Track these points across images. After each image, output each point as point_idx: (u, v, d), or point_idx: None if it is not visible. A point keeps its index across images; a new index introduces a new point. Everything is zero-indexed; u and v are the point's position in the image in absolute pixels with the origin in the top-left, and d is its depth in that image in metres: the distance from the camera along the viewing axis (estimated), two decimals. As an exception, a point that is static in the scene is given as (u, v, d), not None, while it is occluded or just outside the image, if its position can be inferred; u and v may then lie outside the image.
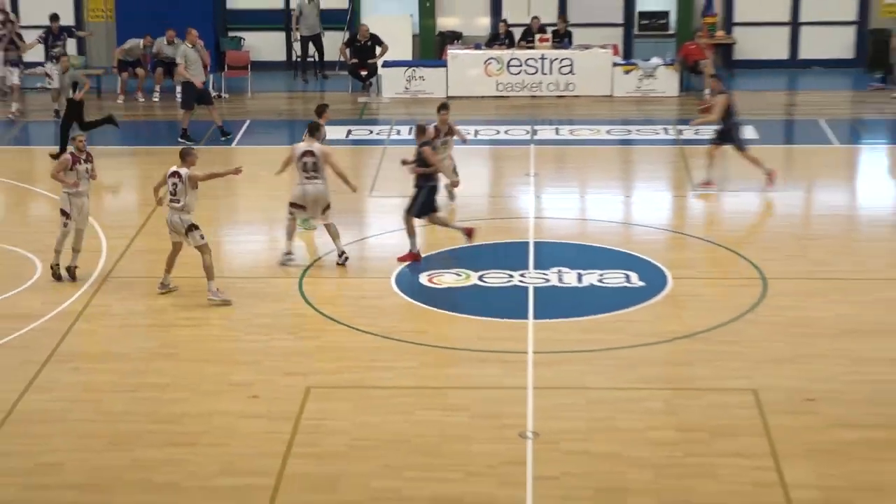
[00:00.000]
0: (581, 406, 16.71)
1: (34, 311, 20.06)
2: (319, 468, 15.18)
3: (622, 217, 25.20)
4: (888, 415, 16.48)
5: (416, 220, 21.32)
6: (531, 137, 28.94)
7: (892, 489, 14.74)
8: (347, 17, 34.03)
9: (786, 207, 26.20)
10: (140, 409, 16.72)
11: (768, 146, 29.10)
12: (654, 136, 29.44)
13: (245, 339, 19.25)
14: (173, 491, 14.69)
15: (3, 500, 14.72)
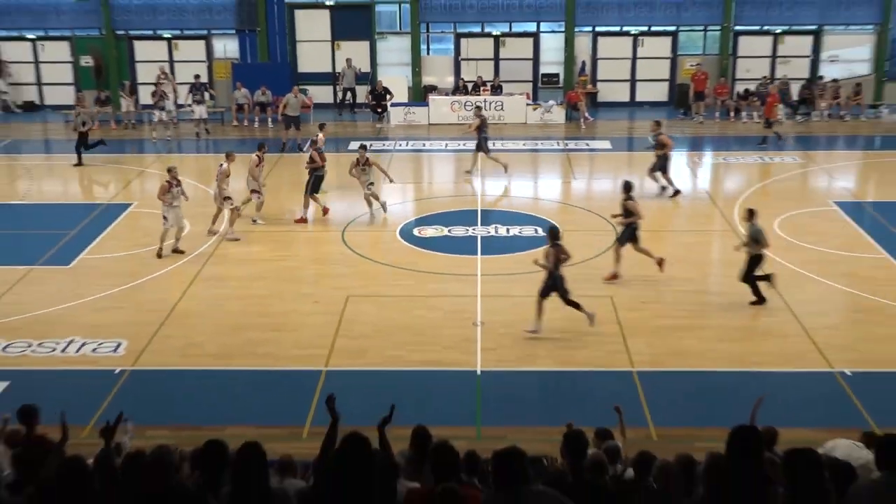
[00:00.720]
0: (508, 307, 17.40)
1: (189, 249, 20.50)
2: (354, 344, 16.11)
3: (531, 194, 25.16)
4: (686, 312, 17.26)
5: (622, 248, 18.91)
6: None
7: (689, 353, 15.67)
8: (370, 76, 33.86)
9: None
10: (249, 309, 17.55)
11: (618, 152, 29.76)
12: (551, 146, 29.38)
13: (310, 268, 19.96)
14: (270, 357, 15.69)
15: (168, 363, 15.54)
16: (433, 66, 34.56)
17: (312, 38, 34.38)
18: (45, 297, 18.32)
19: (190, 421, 13.35)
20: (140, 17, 34.08)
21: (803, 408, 13.97)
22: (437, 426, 12.66)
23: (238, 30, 34.14)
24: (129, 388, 14.82)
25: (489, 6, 33.56)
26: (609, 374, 15.16)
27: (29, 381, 14.83)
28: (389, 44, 34.62)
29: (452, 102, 32.51)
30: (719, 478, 6.42)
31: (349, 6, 34.01)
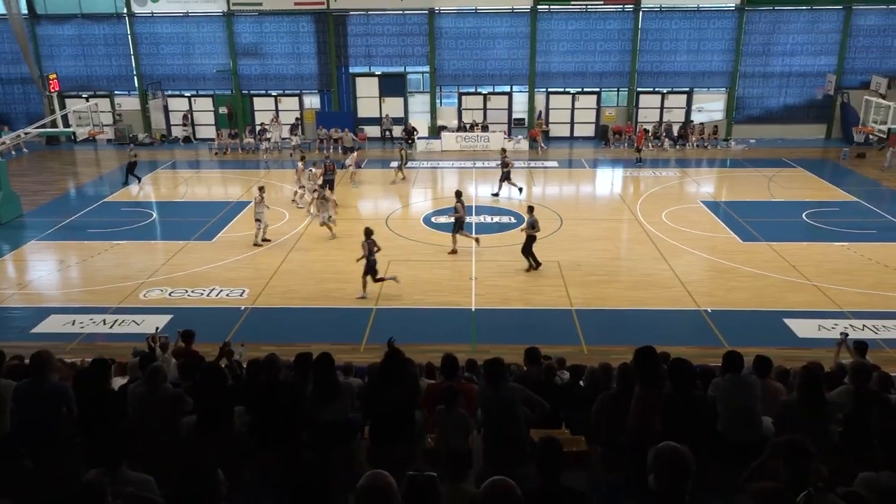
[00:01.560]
0: (493, 267, 17.36)
1: (288, 231, 20.30)
2: (394, 290, 16.00)
3: (507, 195, 24.14)
4: (605, 271, 17.09)
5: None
6: (473, 165, 28.77)
7: (608, 298, 15.54)
8: (404, 119, 33.44)
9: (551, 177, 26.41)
10: (327, 269, 17.47)
11: (562, 168, 29.33)
12: (520, 165, 28.37)
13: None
14: (340, 300, 15.61)
15: (275, 303, 15.50)
16: (444, 113, 34.35)
17: (366, 94, 34.19)
18: (196, 260, 18.36)
19: (288, 340, 13.43)
20: (257, 82, 33.86)
21: (681, 333, 13.98)
22: (446, 343, 12.80)
23: (319, 90, 34.00)
24: (250, 320, 14.95)
25: (480, 76, 33.42)
26: (557, 311, 15.14)
27: (185, 314, 14.85)
28: (416, 98, 34.40)
29: (457, 136, 32.16)
30: (628, 378, 6.35)
31: (390, 75, 33.82)
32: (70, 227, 21.43)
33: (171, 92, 34.20)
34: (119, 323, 14.76)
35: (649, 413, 5.83)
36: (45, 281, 17.45)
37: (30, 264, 18.82)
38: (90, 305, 15.67)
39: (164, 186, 26.65)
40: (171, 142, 34.36)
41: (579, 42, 32.79)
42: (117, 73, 34.10)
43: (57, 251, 19.38)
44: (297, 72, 33.66)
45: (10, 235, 20.91)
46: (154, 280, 17.04)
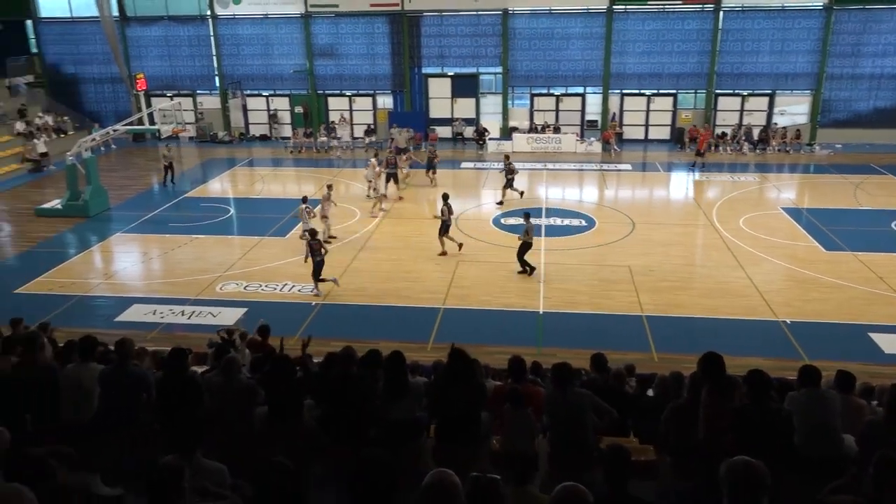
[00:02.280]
0: (561, 270, 17.21)
1: (357, 230, 20.57)
2: (461, 291, 16.09)
3: (577, 198, 24.32)
4: (678, 277, 16.67)
5: None
6: (544, 167, 28.49)
7: (681, 305, 15.20)
8: (475, 121, 33.34)
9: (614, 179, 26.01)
10: (396, 268, 17.65)
11: (635, 172, 28.67)
12: (591, 167, 28.34)
13: (436, 242, 19.13)
14: (408, 298, 15.78)
15: (345, 300, 15.66)
16: (515, 114, 34.20)
17: (439, 95, 34.36)
18: (270, 256, 18.82)
19: (356, 336, 13.61)
20: (332, 82, 34.50)
21: (757, 343, 13.51)
22: (512, 345, 12.71)
23: (392, 90, 34.37)
24: (320, 315, 15.23)
25: (553, 77, 33.08)
26: (627, 316, 14.90)
27: (259, 308, 15.26)
28: (488, 99, 34.35)
29: (528, 138, 31.93)
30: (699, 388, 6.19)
31: (463, 76, 33.88)
32: (153, 220, 22.33)
33: (250, 91, 35.17)
34: (196, 314, 15.28)
35: (718, 421, 5.70)
36: (129, 272, 18.24)
37: (115, 255, 19.70)
38: (170, 296, 16.27)
39: (241, 183, 27.42)
40: (248, 140, 35.32)
41: (656, 43, 32.11)
42: (200, 72, 35.37)
43: (140, 243, 20.22)
44: (371, 72, 34.13)
45: (98, 227, 21.95)
46: (230, 274, 17.57)
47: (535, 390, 7.22)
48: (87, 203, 22.69)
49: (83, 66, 36.02)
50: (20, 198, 25.49)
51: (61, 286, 17.02)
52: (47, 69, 36.28)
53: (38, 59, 36.18)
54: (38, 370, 6.60)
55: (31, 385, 6.48)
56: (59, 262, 18.81)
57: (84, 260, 19.25)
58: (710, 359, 5.96)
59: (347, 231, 20.60)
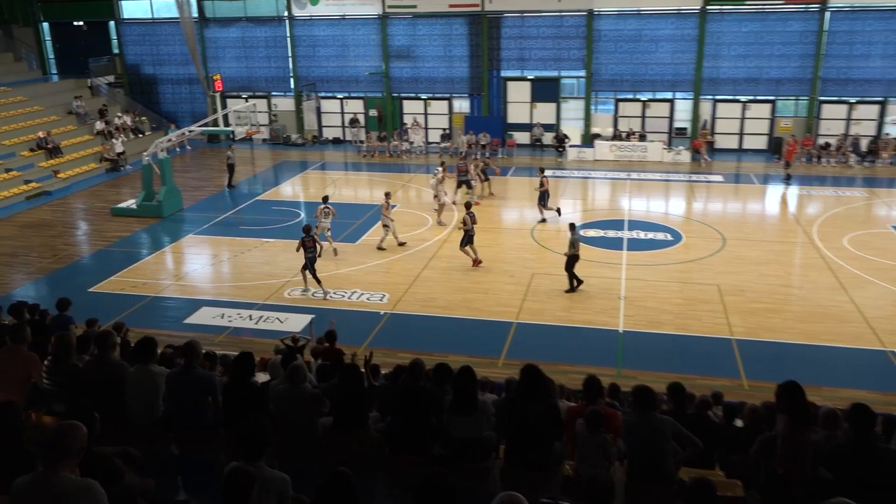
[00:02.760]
0: (643, 286, 16.93)
1: (429, 238, 20.59)
2: (536, 305, 16.01)
3: (663, 210, 23.85)
4: (773, 299, 16.18)
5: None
6: (628, 177, 28.04)
7: (775, 329, 14.65)
8: (555, 127, 33.11)
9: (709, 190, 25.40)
10: (467, 277, 17.56)
11: (728, 184, 27.89)
12: (678, 178, 27.73)
13: (510, 253, 19.57)
14: (479, 311, 15.79)
15: (414, 310, 15.80)
16: (598, 120, 33.77)
17: (517, 99, 34.27)
18: (339, 262, 19.15)
19: (425, 348, 13.70)
20: (408, 85, 34.93)
21: (861, 375, 12.86)
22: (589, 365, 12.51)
23: (469, 94, 34.49)
24: (389, 325, 15.40)
25: (640, 81, 32.51)
26: (714, 339, 14.52)
27: (326, 315, 15.46)
28: (569, 104, 34.04)
29: (611, 145, 31.54)
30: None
31: (543, 79, 33.70)
32: (224, 222, 23.09)
33: (325, 93, 36.01)
34: (264, 319, 15.68)
35: (798, 455, 5.55)
36: (199, 274, 18.90)
37: (186, 257, 20.45)
38: (238, 300, 16.76)
39: (312, 186, 28.03)
40: (321, 143, 36.13)
41: (753, 45, 31.16)
42: (275, 74, 36.45)
43: (211, 245, 20.93)
44: (448, 75, 34.39)
45: (171, 228, 22.86)
46: (298, 279, 17.91)
47: (612, 413, 7.07)
48: (161, 203, 23.67)
49: (162, 66, 37.69)
50: (97, 197, 26.80)
51: (133, 286, 17.76)
52: (128, 69, 38.14)
53: (119, 59, 38.06)
54: (108, 368, 6.89)
55: (100, 383, 6.77)
56: (133, 262, 19.66)
57: (156, 260, 20.06)
58: (789, 388, 5.78)
59: (419, 239, 20.79)
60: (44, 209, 25.32)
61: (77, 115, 33.11)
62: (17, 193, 26.36)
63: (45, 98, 33.04)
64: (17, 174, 27.31)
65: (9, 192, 26.23)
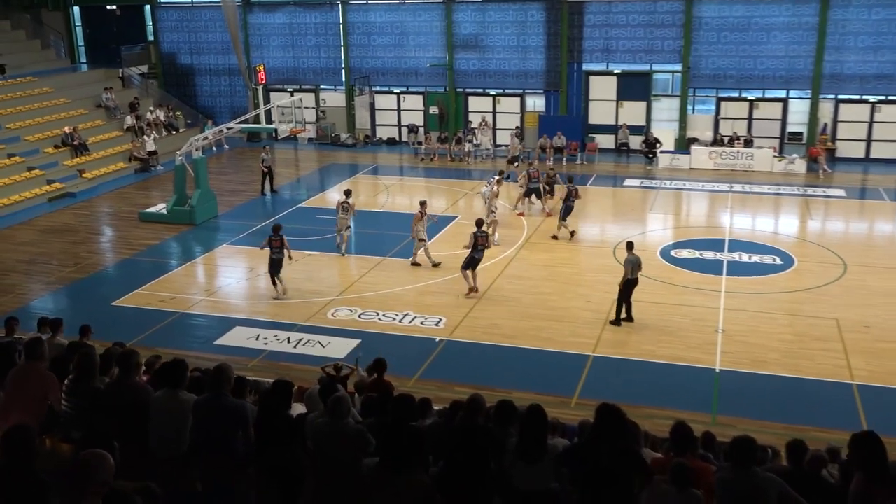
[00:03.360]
0: (746, 319, 16.66)
1: (496, 254, 20.32)
2: (617, 337, 15.87)
3: (772, 229, 23.55)
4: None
5: None
6: (730, 189, 27.64)
7: None
8: (644, 129, 32.90)
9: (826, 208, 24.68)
10: (537, 303, 17.72)
11: (851, 199, 27.28)
12: (791, 191, 27.25)
13: (587, 274, 19.52)
14: (550, 341, 15.77)
15: (474, 337, 15.95)
16: (696, 122, 33.38)
17: (601, 97, 34.15)
18: (390, 280, 19.38)
19: (487, 383, 13.71)
20: (474, 79, 35.22)
21: None
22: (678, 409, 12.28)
23: (545, 89, 34.53)
24: (445, 354, 15.49)
25: (747, 77, 32.02)
26: (831, 383, 14.18)
27: (374, 340, 15.69)
28: (661, 104, 33.77)
29: (710, 152, 31.16)
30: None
31: (632, 74, 33.51)
32: (264, 231, 23.38)
33: (380, 88, 36.59)
34: (304, 343, 15.93)
35: None
36: (233, 289, 19.36)
37: (220, 269, 20.96)
38: (276, 320, 17.09)
39: (363, 193, 28.42)
40: (374, 143, 36.70)
41: (886, 36, 30.33)
42: (325, 65, 37.20)
43: (248, 257, 21.37)
44: (521, 68, 34.52)
45: (204, 237, 23.48)
46: (344, 298, 18.19)
47: (704, 467, 6.93)
48: (193, 209, 24.35)
49: (200, 56, 38.94)
50: (125, 200, 27.79)
51: (161, 301, 18.28)
52: (163, 59, 39.52)
53: (153, 47, 39.50)
54: (130, 392, 7.08)
55: (121, 409, 6.95)
56: (161, 273, 20.24)
57: (186, 273, 20.60)
58: (863, 440, 5.69)
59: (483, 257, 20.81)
60: (67, 212, 26.37)
61: (106, 108, 34.44)
62: (39, 194, 27.49)
63: (72, 89, 34.50)
64: (40, 173, 28.48)
65: (30, 192, 27.36)
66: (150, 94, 38.17)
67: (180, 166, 24.64)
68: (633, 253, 16.71)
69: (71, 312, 18.43)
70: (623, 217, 24.95)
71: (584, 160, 32.46)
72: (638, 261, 16.63)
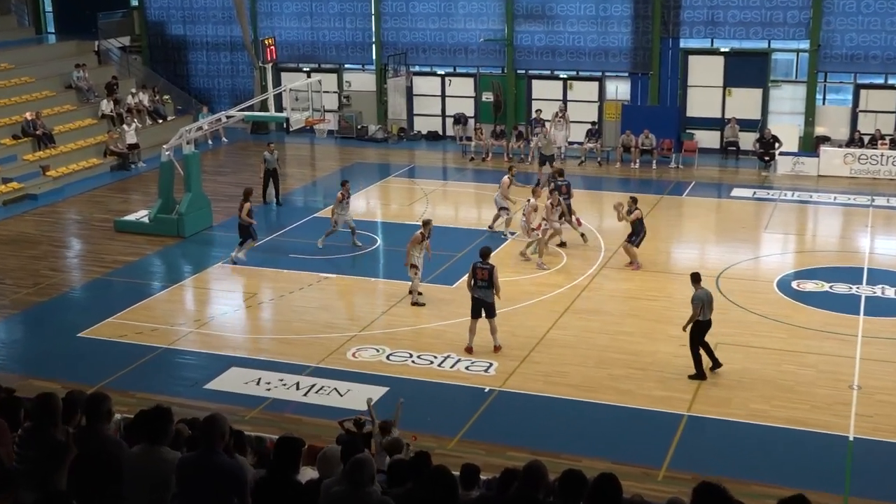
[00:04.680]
0: (891, 373, 16.40)
1: (561, 283, 20.77)
2: (718, 391, 15.72)
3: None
4: None
5: None
6: (871, 202, 27.25)
7: None
8: (759, 125, 32.55)
9: None
10: (615, 345, 17.59)
11: None
12: None
13: (680, 309, 18.40)
14: (631, 395, 15.62)
15: (533, 388, 15.93)
16: (827, 116, 33.01)
17: (703, 82, 33.96)
18: (428, 312, 19.41)
19: (549, 447, 13.67)
20: (540, 57, 35.27)
21: None
22: (800, 487, 12.06)
23: (631, 72, 34.46)
24: (495, 407, 15.42)
25: (894, 57, 31.60)
26: None
27: (407, 389, 15.61)
28: (782, 92, 33.50)
29: (845, 155, 30.78)
30: None
31: (745, 53, 33.30)
32: (269, 247, 23.77)
33: (419, 68, 36.83)
34: (317, 390, 15.99)
35: None
36: (229, 319, 19.49)
37: (213, 295, 21.19)
38: (283, 360, 17.18)
39: (395, 201, 28.58)
40: (411, 138, 36.89)
41: None
42: (350, 39, 37.49)
43: (248, 280, 21.59)
44: (600, 44, 34.51)
45: (194, 253, 23.78)
46: (369, 334, 18.22)
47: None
48: (182, 217, 24.64)
49: (195, 26, 39.52)
50: (98, 205, 28.26)
51: (139, 332, 18.46)
52: (148, 29, 40.21)
53: (137, 14, 40.20)
54: (99, 446, 7.14)
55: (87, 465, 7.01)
56: (140, 297, 20.48)
57: (172, 298, 20.85)
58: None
59: (546, 284, 20.92)
60: (26, 219, 26.79)
61: (78, 90, 35.00)
62: (-9, 196, 27.90)
63: (37, 66, 35.05)
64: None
65: (-19, 193, 27.80)
66: (132, 72, 38.78)
67: (167, 164, 24.95)
68: (702, 287, 16.64)
69: (28, 344, 18.77)
70: (729, 237, 24.72)
71: (680, 164, 32.32)
72: (709, 297, 16.48)
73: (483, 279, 17.16)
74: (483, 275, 17.19)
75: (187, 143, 25.18)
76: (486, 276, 17.17)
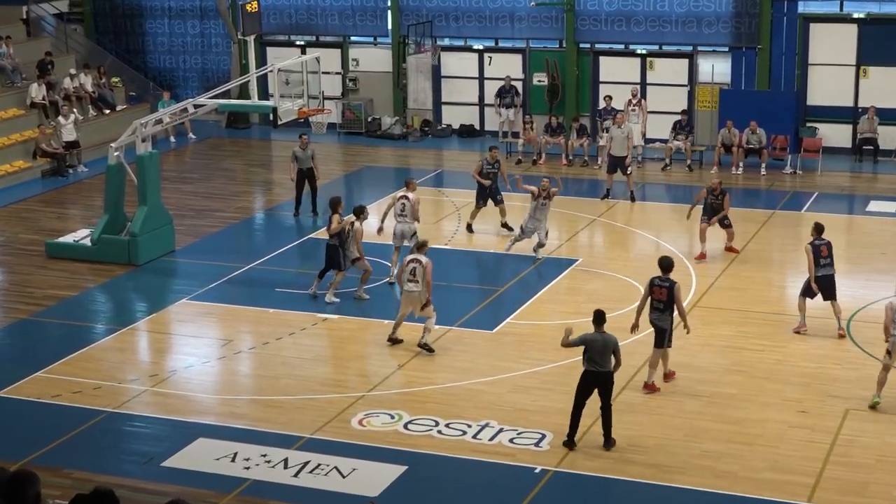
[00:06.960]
0: None
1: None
2: (851, 475, 15.50)
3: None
4: None
5: None
6: None
7: None
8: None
9: None
10: (711, 410, 17.45)
11: None
12: None
13: (800, 364, 19.22)
14: (732, 478, 15.40)
15: (600, 468, 15.71)
16: None
17: (828, 60, 33.82)
18: (459, 366, 19.32)
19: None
20: (611, 28, 35.31)
21: None
22: None
23: (732, 46, 34.40)
24: (549, 494, 15.24)
25: None
26: None
27: (430, 468, 15.65)
28: (937, 72, 33.46)
29: None
30: None
31: (885, 19, 33.14)
32: (248, 279, 23.89)
33: (449, 41, 37.08)
34: (311, 469, 15.82)
35: None
36: (196, 374, 19.43)
37: (175, 342, 21.22)
38: (266, 428, 17.10)
39: (417, 217, 28.64)
40: (438, 133, 37.11)
41: None
42: (358, 2, 37.59)
43: (221, 322, 21.68)
44: (691, 9, 34.51)
45: (150, 286, 23.88)
46: (380, 394, 18.19)
47: None
48: (135, 239, 24.67)
49: (154, -14, 39.91)
50: (24, 222, 28.39)
51: (76, 392, 18.41)
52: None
53: (79, -28, 40.53)
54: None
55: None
56: (79, 345, 20.48)
57: (119, 345, 20.88)
58: None
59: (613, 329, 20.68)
60: (-70, 241, 26.91)
61: (1, 70, 35.23)
62: None
63: (-54, 40, 35.11)
64: None
65: None
66: (71, 48, 39.03)
67: (116, 167, 25.11)
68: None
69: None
70: (865, 264, 24.54)
71: (799, 168, 32.31)
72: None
73: (660, 300, 17.58)
74: (661, 294, 17.60)
75: (143, 140, 25.15)
76: (664, 295, 17.59)
